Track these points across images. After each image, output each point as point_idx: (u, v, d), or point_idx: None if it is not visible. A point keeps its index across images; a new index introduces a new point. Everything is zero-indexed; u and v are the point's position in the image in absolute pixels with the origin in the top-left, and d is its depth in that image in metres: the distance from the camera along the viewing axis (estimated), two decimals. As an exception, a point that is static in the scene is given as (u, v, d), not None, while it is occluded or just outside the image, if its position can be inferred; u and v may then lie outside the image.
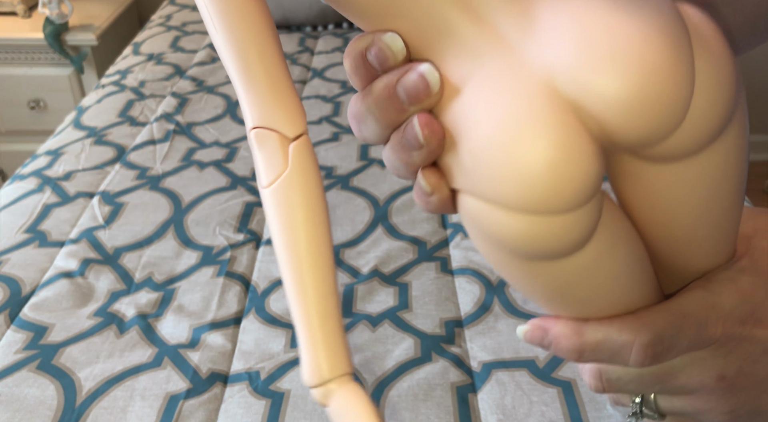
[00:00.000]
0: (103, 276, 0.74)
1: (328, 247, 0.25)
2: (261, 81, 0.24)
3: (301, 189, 0.24)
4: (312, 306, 0.25)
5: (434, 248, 0.78)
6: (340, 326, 0.26)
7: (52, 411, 0.58)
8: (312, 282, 0.25)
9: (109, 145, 1.02)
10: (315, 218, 0.25)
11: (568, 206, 0.21)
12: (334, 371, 0.25)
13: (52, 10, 1.52)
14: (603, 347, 0.28)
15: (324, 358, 0.25)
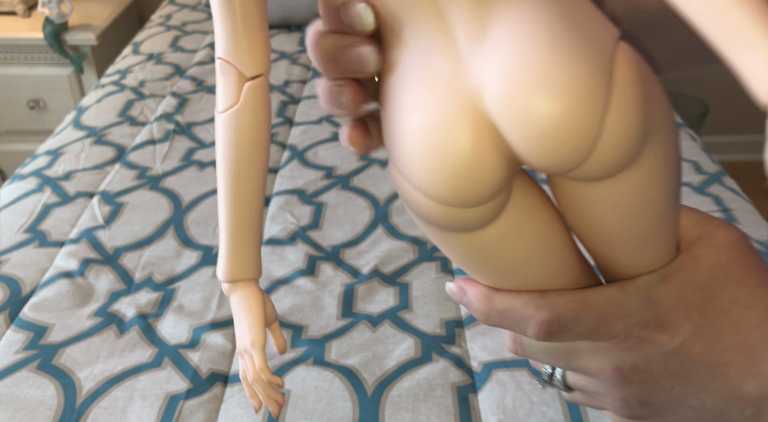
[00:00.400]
0: (103, 276, 0.74)
1: (259, 176, 0.30)
2: (237, 18, 0.27)
3: (247, 123, 0.28)
4: (237, 220, 0.30)
5: (435, 248, 0.78)
6: (256, 242, 0.31)
7: (52, 411, 0.58)
8: (240, 200, 0.30)
9: (108, 145, 1.02)
10: (253, 150, 0.29)
11: (467, 206, 0.25)
12: (241, 274, 0.32)
13: (52, 10, 1.52)
14: (507, 315, 0.32)
15: (235, 264, 0.31)
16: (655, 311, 0.31)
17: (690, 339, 0.31)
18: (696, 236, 0.32)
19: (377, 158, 0.97)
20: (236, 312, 0.33)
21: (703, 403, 0.32)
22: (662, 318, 0.31)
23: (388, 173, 0.93)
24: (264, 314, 0.33)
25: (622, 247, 0.30)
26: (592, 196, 0.27)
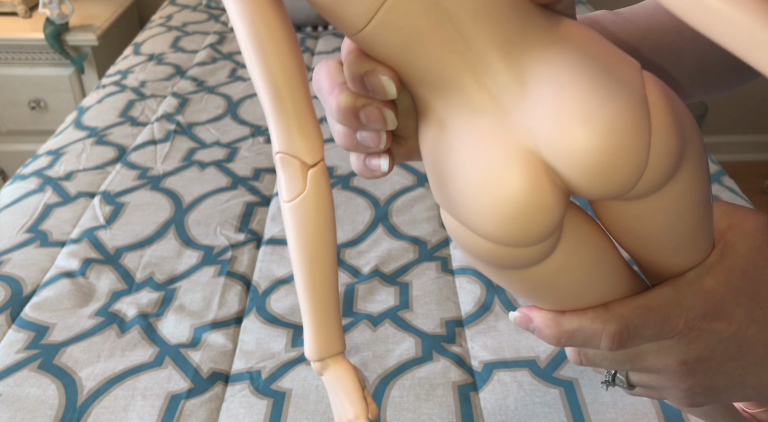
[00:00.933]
0: (104, 276, 0.74)
1: (332, 256, 0.31)
2: (289, 112, 0.28)
3: (314, 209, 0.30)
4: (317, 301, 0.31)
5: (435, 248, 0.78)
6: (337, 317, 0.32)
7: (54, 411, 0.58)
8: (318, 283, 0.31)
9: (109, 145, 1.02)
10: (324, 233, 0.30)
11: (531, 244, 0.26)
12: (330, 351, 0.33)
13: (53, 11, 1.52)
14: (577, 334, 0.33)
15: (323, 342, 0.32)
16: (710, 303, 0.32)
17: (745, 323, 0.33)
18: (727, 225, 0.34)
19: (378, 158, 0.97)
20: (332, 387, 0.33)
21: (761, 380, 0.34)
22: (717, 307, 0.33)
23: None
24: (361, 384, 0.34)
25: (667, 252, 0.32)
26: (637, 212, 0.29)
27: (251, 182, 0.92)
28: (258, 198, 0.88)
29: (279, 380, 0.61)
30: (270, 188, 0.91)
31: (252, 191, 0.90)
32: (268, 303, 0.70)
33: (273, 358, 0.63)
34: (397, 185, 0.90)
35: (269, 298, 0.71)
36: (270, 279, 0.74)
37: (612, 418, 0.56)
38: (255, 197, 0.88)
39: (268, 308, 0.70)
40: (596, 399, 0.58)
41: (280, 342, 0.65)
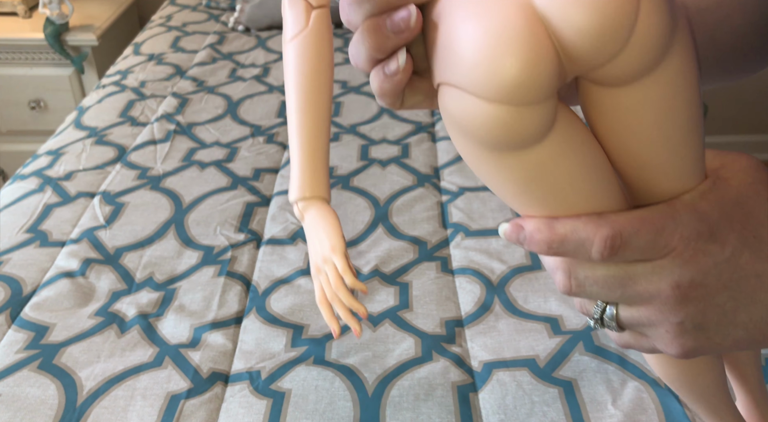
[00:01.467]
0: (104, 276, 0.74)
1: (327, 95, 0.31)
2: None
3: (313, 45, 0.31)
4: (306, 139, 0.32)
5: (435, 248, 0.78)
6: (325, 160, 0.32)
7: (54, 411, 0.58)
8: (309, 120, 0.31)
9: (109, 145, 1.02)
10: (321, 70, 0.31)
11: (531, 99, 0.26)
12: (314, 192, 0.33)
13: (53, 11, 1.52)
14: (569, 238, 0.33)
15: (308, 181, 0.32)
16: (705, 224, 0.32)
17: (738, 248, 0.33)
18: (719, 163, 0.34)
19: (377, 158, 0.97)
20: (312, 227, 0.34)
21: (752, 316, 0.33)
22: (712, 228, 0.32)
23: (388, 173, 0.93)
24: (339, 227, 0.34)
25: (658, 166, 0.32)
26: (624, 103, 0.29)
27: (251, 182, 0.92)
28: (258, 198, 0.88)
29: (279, 380, 0.61)
30: (270, 188, 0.91)
31: (252, 191, 0.90)
32: (267, 303, 0.70)
33: (273, 358, 0.63)
34: (397, 185, 0.90)
35: (269, 298, 0.71)
36: (270, 279, 0.74)
37: (611, 415, 0.56)
38: (255, 197, 0.89)
39: (267, 308, 0.70)
40: (595, 398, 0.58)
41: (280, 342, 0.65)
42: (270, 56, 1.34)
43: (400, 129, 1.04)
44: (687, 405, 0.57)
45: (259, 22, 1.46)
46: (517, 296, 0.70)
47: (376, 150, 0.99)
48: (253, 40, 1.42)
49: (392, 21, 0.29)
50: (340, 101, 1.15)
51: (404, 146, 1.00)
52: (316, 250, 0.35)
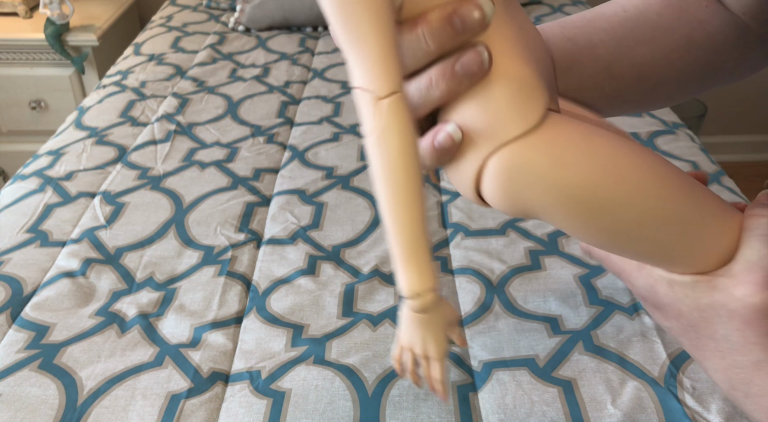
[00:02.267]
0: (105, 276, 0.74)
1: (419, 185, 0.29)
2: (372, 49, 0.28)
3: (394, 145, 0.29)
4: (407, 233, 0.30)
5: (434, 248, 0.78)
6: (428, 249, 0.31)
7: (54, 411, 0.58)
8: (407, 213, 0.30)
9: (110, 145, 1.02)
10: (410, 161, 0.29)
11: None
12: (424, 286, 0.31)
13: (53, 11, 1.52)
14: None
15: (416, 275, 0.31)
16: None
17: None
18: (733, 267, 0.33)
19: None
20: (428, 324, 0.34)
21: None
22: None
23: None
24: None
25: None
26: None
27: (251, 182, 0.92)
28: (258, 198, 0.89)
29: (279, 380, 0.61)
30: (270, 188, 0.91)
31: (252, 191, 0.90)
32: (268, 303, 0.70)
33: (273, 358, 0.63)
34: (397, 185, 0.90)
35: (269, 298, 0.71)
36: (270, 279, 0.74)
37: (610, 414, 0.56)
38: (255, 197, 0.89)
39: (268, 308, 0.70)
40: (594, 398, 0.58)
41: (280, 342, 0.65)
42: (270, 56, 1.34)
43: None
44: (687, 404, 0.57)
45: (260, 22, 1.46)
46: (517, 296, 0.70)
47: (376, 150, 0.99)
48: (253, 41, 1.42)
49: (462, 64, 0.28)
50: (340, 101, 1.15)
51: (404, 146, 1.00)
52: (417, 341, 0.35)
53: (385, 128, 0.28)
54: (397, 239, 0.30)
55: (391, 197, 0.29)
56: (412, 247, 0.30)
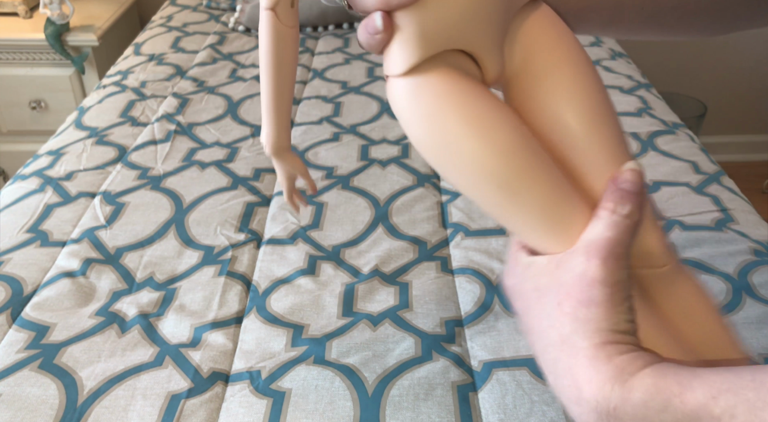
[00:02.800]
0: (105, 276, 0.74)
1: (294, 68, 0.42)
2: None
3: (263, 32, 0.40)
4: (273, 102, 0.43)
5: (434, 248, 0.78)
6: (288, 118, 0.45)
7: (54, 410, 0.58)
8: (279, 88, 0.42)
9: (110, 145, 1.02)
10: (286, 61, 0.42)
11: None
12: (283, 143, 0.46)
13: (54, 11, 1.52)
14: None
15: (276, 133, 0.45)
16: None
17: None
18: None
19: (377, 158, 0.97)
20: (280, 163, 0.48)
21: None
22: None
23: (388, 173, 0.93)
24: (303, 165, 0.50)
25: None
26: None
27: (251, 182, 0.92)
28: (258, 198, 0.89)
29: (279, 380, 0.61)
30: (270, 188, 0.91)
31: (252, 191, 0.90)
32: (268, 303, 0.70)
33: (273, 358, 0.63)
34: (397, 185, 0.90)
35: (269, 298, 0.71)
36: (270, 279, 0.74)
37: (611, 418, 0.56)
38: (255, 197, 0.89)
39: (268, 308, 0.70)
40: (595, 398, 0.58)
41: (280, 342, 0.65)
42: (270, 56, 1.34)
43: (400, 129, 1.05)
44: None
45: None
46: (517, 296, 0.70)
47: (376, 150, 0.99)
48: (253, 41, 1.42)
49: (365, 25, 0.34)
50: (340, 101, 1.15)
51: (404, 146, 1.00)
52: (286, 175, 0.49)
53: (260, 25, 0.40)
54: (267, 106, 0.43)
55: (272, 71, 0.41)
56: (270, 112, 0.43)
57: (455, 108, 0.34)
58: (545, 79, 0.36)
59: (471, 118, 0.34)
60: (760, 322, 0.65)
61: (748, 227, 0.79)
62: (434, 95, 0.34)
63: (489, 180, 0.34)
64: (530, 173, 0.34)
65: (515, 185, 0.34)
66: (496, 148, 0.34)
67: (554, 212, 0.34)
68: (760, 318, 0.66)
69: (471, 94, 0.35)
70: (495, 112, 0.35)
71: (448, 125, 0.34)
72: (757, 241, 0.77)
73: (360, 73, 1.26)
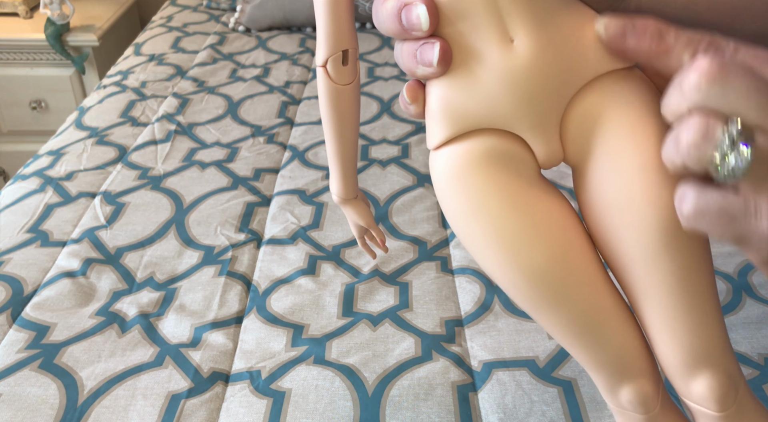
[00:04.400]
0: (105, 276, 0.74)
1: (357, 123, 0.41)
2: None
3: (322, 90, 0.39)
4: (345, 152, 0.42)
5: (434, 248, 0.78)
6: (347, 167, 0.43)
7: (54, 410, 0.58)
8: (344, 139, 0.41)
9: (110, 145, 1.02)
10: (351, 116, 0.40)
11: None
12: (348, 195, 0.45)
13: (54, 11, 1.52)
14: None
15: (343, 184, 0.44)
16: None
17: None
18: None
19: (377, 158, 0.97)
20: (350, 213, 0.47)
21: None
22: None
23: (388, 173, 0.93)
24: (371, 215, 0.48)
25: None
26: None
27: (251, 182, 0.92)
28: (258, 198, 0.89)
29: (279, 380, 0.61)
30: (270, 188, 0.91)
31: (252, 191, 0.90)
32: (268, 303, 0.70)
33: (273, 358, 0.63)
34: (397, 185, 0.90)
35: (269, 298, 0.71)
36: (270, 279, 0.74)
37: (610, 415, 0.56)
38: (255, 197, 0.89)
39: (268, 308, 0.70)
40: (594, 398, 0.58)
41: (280, 342, 0.65)
42: (270, 57, 1.34)
43: (400, 129, 1.05)
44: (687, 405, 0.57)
45: (260, 22, 1.46)
46: (517, 296, 0.70)
47: (376, 150, 0.99)
48: (253, 41, 1.42)
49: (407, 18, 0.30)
50: (340, 101, 1.15)
51: (404, 146, 1.00)
52: (354, 224, 0.49)
53: (318, 84, 0.39)
54: (336, 157, 0.42)
55: (324, 124, 0.40)
56: (334, 163, 0.43)
57: (484, 213, 0.31)
58: (608, 174, 0.29)
59: (499, 230, 0.30)
60: (760, 322, 0.65)
61: (748, 227, 0.79)
62: (464, 190, 0.31)
63: (515, 295, 0.32)
64: (562, 296, 0.31)
65: (543, 306, 0.31)
66: (522, 268, 0.31)
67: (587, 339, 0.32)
68: (760, 317, 0.66)
69: (507, 195, 0.31)
70: (530, 220, 0.31)
71: (477, 232, 0.31)
72: (757, 241, 0.77)
73: (360, 73, 1.26)
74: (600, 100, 0.30)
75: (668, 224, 0.28)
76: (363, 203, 0.47)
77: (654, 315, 0.31)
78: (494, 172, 0.31)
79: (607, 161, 0.30)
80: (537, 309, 0.32)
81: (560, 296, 0.31)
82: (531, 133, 0.30)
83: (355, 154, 0.43)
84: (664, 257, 0.29)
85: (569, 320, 0.31)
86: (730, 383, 0.31)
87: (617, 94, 0.29)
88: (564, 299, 0.31)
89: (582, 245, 0.31)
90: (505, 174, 0.31)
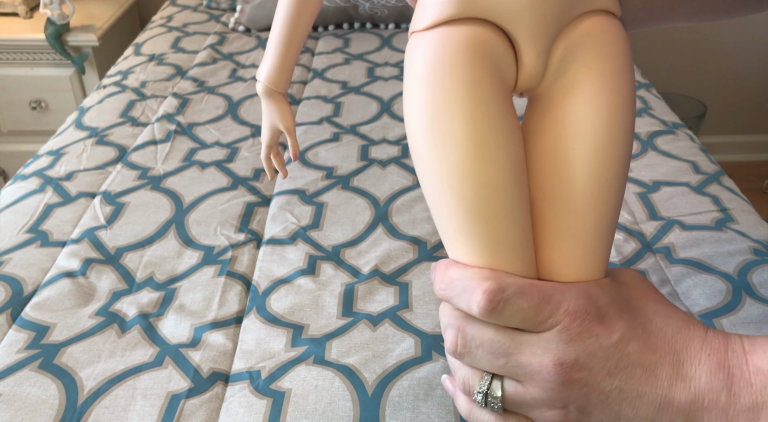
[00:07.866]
0: (105, 276, 0.74)
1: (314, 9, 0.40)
2: None
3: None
4: (284, 41, 0.41)
5: (434, 248, 0.78)
6: (293, 62, 0.42)
7: (54, 411, 0.58)
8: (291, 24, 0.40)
9: (110, 145, 1.02)
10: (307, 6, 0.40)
11: None
12: (278, 87, 0.42)
13: (54, 11, 1.52)
14: (456, 283, 0.34)
15: (276, 77, 0.42)
16: (594, 305, 0.33)
17: (626, 336, 0.33)
18: (609, 274, 0.37)
19: (377, 159, 0.97)
20: (269, 107, 0.44)
21: (638, 412, 0.33)
22: (600, 311, 0.33)
23: (388, 173, 0.93)
24: (291, 115, 0.45)
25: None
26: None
27: (251, 183, 0.92)
28: (258, 198, 0.89)
29: (279, 380, 0.61)
30: (270, 188, 0.91)
31: (252, 191, 0.90)
32: (268, 303, 0.70)
33: (273, 358, 0.63)
34: (397, 185, 0.90)
35: (269, 298, 0.71)
36: (270, 279, 0.74)
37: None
38: (255, 197, 0.89)
39: (268, 308, 0.70)
40: (595, 398, 0.58)
41: (280, 342, 0.65)
42: (270, 57, 1.34)
43: (400, 129, 1.05)
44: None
45: (260, 22, 1.46)
46: (517, 296, 0.70)
47: (376, 150, 0.99)
48: (253, 41, 1.42)
49: None
50: (340, 102, 1.15)
51: (404, 146, 1.00)
52: (270, 125, 0.45)
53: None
54: (276, 43, 0.41)
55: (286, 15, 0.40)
56: (283, 53, 0.41)
57: (465, 114, 0.30)
58: (569, 99, 0.32)
59: (474, 135, 0.30)
60: (760, 322, 0.65)
61: (748, 227, 0.79)
62: (450, 83, 0.30)
63: (456, 202, 0.32)
64: (496, 216, 0.32)
65: (476, 220, 0.32)
66: (479, 180, 0.31)
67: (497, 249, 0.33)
68: (760, 317, 0.66)
69: (488, 105, 0.31)
70: (500, 137, 0.31)
71: (450, 128, 0.31)
72: (757, 241, 0.77)
73: (360, 73, 1.26)
74: (590, 31, 0.32)
75: (606, 181, 0.33)
76: (288, 103, 0.45)
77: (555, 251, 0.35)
78: (479, 69, 0.31)
79: (578, 106, 0.32)
80: (470, 221, 0.32)
81: (502, 214, 0.32)
82: (529, 37, 0.31)
83: (301, 45, 0.41)
84: (591, 202, 0.33)
85: (497, 237, 0.33)
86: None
87: (606, 40, 0.32)
88: (503, 216, 0.33)
89: (524, 168, 0.34)
90: (489, 74, 0.31)
